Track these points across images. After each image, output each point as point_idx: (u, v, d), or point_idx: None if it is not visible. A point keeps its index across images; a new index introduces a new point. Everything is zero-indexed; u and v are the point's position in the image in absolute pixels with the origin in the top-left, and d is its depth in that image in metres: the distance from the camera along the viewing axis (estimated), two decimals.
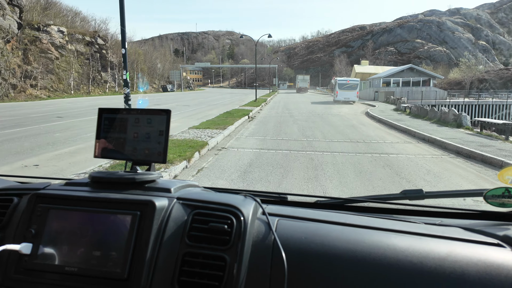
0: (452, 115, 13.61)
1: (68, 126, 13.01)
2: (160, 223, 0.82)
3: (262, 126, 14.03)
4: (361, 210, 1.20)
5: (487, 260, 0.75)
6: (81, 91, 40.84)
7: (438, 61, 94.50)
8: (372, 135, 11.98)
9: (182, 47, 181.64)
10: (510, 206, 0.99)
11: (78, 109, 22.04)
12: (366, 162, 7.55)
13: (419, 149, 9.41)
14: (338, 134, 12.02)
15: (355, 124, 15.34)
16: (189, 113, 19.38)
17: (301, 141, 10.24)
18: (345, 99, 33.35)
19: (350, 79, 36.49)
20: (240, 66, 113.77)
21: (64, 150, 8.37)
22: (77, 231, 0.82)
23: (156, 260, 0.79)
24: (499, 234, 0.86)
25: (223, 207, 0.86)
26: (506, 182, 1.01)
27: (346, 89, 33.52)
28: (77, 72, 41.18)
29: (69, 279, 0.79)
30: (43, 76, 34.47)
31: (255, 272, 0.78)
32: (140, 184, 0.93)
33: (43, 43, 35.91)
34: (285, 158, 7.77)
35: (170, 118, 0.95)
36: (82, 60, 42.95)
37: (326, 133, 12.06)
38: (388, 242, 0.81)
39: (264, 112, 21.45)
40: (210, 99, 36.97)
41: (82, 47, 43.72)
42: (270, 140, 10.43)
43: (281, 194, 1.18)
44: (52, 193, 0.89)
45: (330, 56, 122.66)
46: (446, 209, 1.16)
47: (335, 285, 0.75)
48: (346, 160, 7.72)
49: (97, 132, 0.99)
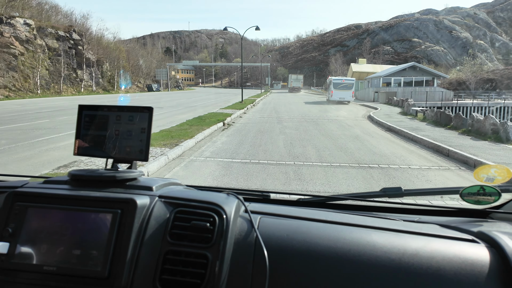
0: (490, 124, 10.15)
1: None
2: (142, 221, 0.82)
3: (237, 138, 10.52)
4: (342, 207, 1.21)
5: (462, 255, 0.77)
6: (51, 91, 36.99)
7: (436, 61, 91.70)
8: (387, 153, 8.52)
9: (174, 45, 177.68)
10: (485, 203, 1.03)
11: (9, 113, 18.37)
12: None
13: (468, 183, 5.93)
14: (339, 151, 8.55)
15: (359, 134, 11.87)
16: (154, 118, 15.74)
17: (286, 167, 6.74)
18: (340, 99, 32.28)
19: (346, 79, 34.57)
20: (229, 64, 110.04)
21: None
22: (56, 229, 0.81)
23: (138, 258, 0.78)
24: (474, 231, 0.88)
25: (205, 205, 0.86)
26: (481, 180, 1.05)
27: (341, 88, 32.43)
28: (47, 69, 37.31)
29: (48, 279, 0.78)
30: (3, 74, 30.61)
31: (237, 269, 0.79)
32: (121, 182, 0.92)
33: (4, 37, 32.06)
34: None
35: (153, 115, 0.94)
36: (53, 57, 39.09)
37: (322, 150, 8.58)
38: (367, 239, 0.82)
39: (247, 116, 17.94)
40: (192, 100, 33.35)
41: (54, 42, 39.87)
42: (239, 165, 6.92)
43: (263, 192, 1.18)
44: (30, 191, 0.87)
45: (325, 55, 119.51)
46: (424, 206, 1.18)
47: (316, 282, 0.76)
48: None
49: (77, 129, 0.97)
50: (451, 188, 1.18)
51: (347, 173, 6.40)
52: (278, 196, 1.24)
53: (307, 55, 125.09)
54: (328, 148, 8.92)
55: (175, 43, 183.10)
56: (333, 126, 13.99)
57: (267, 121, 15.34)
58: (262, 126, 13.52)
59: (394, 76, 37.48)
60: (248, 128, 12.71)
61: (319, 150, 8.61)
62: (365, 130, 12.94)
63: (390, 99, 29.97)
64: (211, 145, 9.19)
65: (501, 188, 1.03)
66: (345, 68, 71.65)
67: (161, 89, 61.01)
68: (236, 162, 7.13)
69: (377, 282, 0.74)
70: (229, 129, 12.39)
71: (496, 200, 1.03)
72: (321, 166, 6.90)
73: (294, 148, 8.88)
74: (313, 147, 9.10)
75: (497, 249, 0.79)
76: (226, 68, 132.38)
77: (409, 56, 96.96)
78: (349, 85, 32.86)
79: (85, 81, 44.30)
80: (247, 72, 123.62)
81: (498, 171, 1.06)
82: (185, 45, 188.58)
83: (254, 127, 13.02)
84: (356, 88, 44.07)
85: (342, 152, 8.46)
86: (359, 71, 51.73)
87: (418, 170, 6.78)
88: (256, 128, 12.87)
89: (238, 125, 13.64)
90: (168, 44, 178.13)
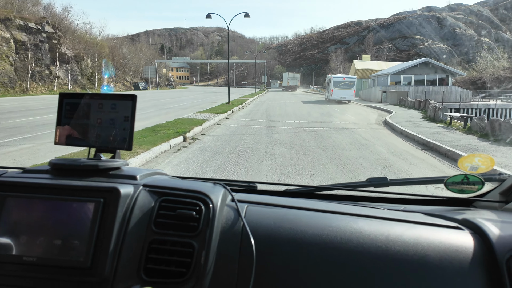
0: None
1: None
2: (125, 211, 0.80)
3: (192, 168, 6.43)
4: (329, 198, 1.21)
5: (447, 242, 0.79)
6: (16, 89, 32.76)
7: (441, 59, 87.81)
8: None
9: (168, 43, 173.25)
10: (468, 192, 1.05)
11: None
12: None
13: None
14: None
15: (387, 156, 7.76)
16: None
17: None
18: (340, 98, 30.45)
19: (347, 76, 32.09)
20: (221, 61, 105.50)
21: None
22: (37, 219, 0.79)
23: (121, 247, 0.77)
24: (458, 218, 0.90)
25: (191, 193, 0.85)
26: (465, 170, 1.06)
27: (342, 87, 30.53)
28: (12, 65, 33.08)
29: (29, 269, 0.76)
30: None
31: (224, 258, 0.78)
32: (104, 171, 0.89)
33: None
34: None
35: (136, 103, 0.92)
36: (21, 51, 34.86)
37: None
38: (354, 226, 0.83)
39: (228, 123, 13.84)
40: (174, 100, 29.20)
41: (23, 35, 35.62)
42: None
43: (250, 182, 1.17)
44: (9, 181, 0.84)
45: (324, 53, 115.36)
46: (410, 195, 1.18)
47: (304, 269, 0.77)
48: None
49: (58, 118, 0.94)
50: (435, 177, 1.16)
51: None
52: (265, 186, 1.22)
53: (306, 53, 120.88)
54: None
55: (170, 41, 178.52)
56: (343, 139, 9.88)
57: (252, 131, 11.24)
58: (243, 140, 9.42)
59: (404, 73, 33.42)
60: (219, 146, 8.59)
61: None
62: (392, 148, 8.83)
63: (402, 99, 25.92)
64: None
65: (484, 177, 1.05)
66: (347, 65, 67.07)
67: (149, 88, 56.73)
68: None
69: (364, 268, 0.75)
70: (190, 148, 8.27)
71: (480, 189, 1.05)
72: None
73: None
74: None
75: (481, 235, 0.80)
76: (223, 66, 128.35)
77: (412, 53, 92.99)
78: (351, 83, 30.64)
79: (61, 78, 40.06)
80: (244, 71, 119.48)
81: (482, 160, 1.07)
82: (181, 42, 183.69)
83: (229, 143, 8.91)
84: (359, 86, 40.01)
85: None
86: (363, 68, 47.46)
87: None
88: (232, 145, 8.76)
89: (207, 140, 9.52)
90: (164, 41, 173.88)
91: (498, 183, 1.12)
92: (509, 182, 1.06)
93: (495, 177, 1.13)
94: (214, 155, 7.46)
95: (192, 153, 7.70)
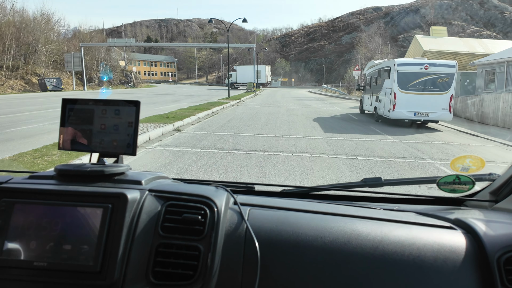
0: None
1: None
2: (133, 216, 0.81)
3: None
4: (325, 198, 1.23)
5: (441, 241, 0.82)
6: None
7: None
8: None
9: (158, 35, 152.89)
10: (460, 192, 1.08)
11: None
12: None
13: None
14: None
15: None
16: None
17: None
18: (417, 117, 12.60)
19: (432, 63, 12.99)
20: (188, 45, 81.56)
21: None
22: (45, 225, 0.80)
23: (130, 251, 0.78)
24: (450, 218, 0.93)
25: (196, 198, 0.86)
26: (457, 170, 1.10)
27: (421, 88, 12.45)
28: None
29: (39, 274, 0.77)
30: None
31: (228, 261, 0.80)
32: (110, 176, 0.91)
33: None
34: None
35: (140, 109, 0.92)
36: None
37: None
38: (353, 228, 0.85)
39: None
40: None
41: None
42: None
43: (248, 184, 1.20)
44: (16, 187, 0.85)
45: (336, 44, 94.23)
46: (403, 195, 1.21)
47: (306, 271, 0.78)
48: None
49: (61, 123, 0.95)
50: (428, 177, 1.18)
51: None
52: (262, 187, 1.27)
53: (314, 44, 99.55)
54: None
55: (160, 33, 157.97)
56: None
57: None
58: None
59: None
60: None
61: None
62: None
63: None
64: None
65: (475, 177, 1.08)
66: (385, 50, 42.24)
67: (63, 87, 36.02)
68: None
69: (363, 269, 0.78)
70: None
71: (470, 189, 1.09)
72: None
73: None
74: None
75: (473, 235, 0.83)
76: (214, 60, 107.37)
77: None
78: (443, 80, 12.48)
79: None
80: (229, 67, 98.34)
81: (473, 161, 1.10)
82: (172, 35, 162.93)
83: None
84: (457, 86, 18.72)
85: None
86: (437, 50, 25.51)
87: None
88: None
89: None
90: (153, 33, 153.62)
91: (488, 183, 1.14)
92: (499, 182, 1.08)
93: (485, 177, 1.15)
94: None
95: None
